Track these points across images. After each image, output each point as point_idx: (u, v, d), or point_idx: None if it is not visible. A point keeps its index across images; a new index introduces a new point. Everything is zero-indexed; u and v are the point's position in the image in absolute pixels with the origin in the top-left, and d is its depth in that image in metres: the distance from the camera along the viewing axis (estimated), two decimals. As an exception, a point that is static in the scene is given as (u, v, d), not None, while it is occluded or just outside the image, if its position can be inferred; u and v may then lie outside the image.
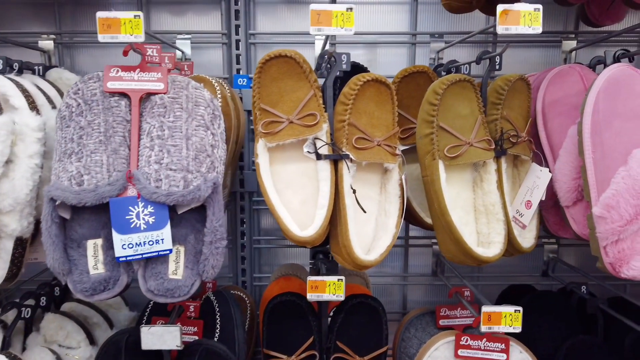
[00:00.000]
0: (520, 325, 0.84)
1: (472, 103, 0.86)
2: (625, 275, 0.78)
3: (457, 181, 0.88)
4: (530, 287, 1.22)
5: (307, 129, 0.80)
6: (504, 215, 0.86)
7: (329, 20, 0.74)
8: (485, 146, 0.85)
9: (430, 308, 1.13)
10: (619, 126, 0.77)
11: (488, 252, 0.83)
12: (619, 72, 0.79)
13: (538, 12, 0.75)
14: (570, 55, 1.14)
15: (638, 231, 0.76)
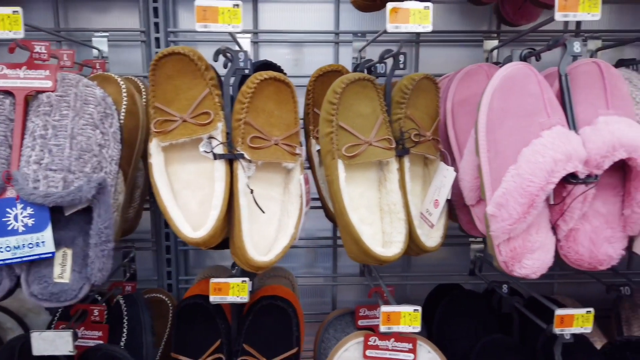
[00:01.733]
0: (419, 325, 0.84)
1: (373, 102, 0.85)
2: (518, 274, 0.78)
3: (362, 180, 0.88)
4: (457, 286, 1.22)
5: (201, 127, 0.78)
6: (405, 215, 0.85)
7: (215, 17, 0.72)
8: (385, 145, 0.84)
9: (350, 309, 1.12)
10: (511, 125, 0.77)
11: (388, 251, 0.82)
12: (515, 71, 0.79)
13: (427, 9, 0.74)
14: (491, 54, 1.15)
15: (528, 229, 0.76)
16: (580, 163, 0.72)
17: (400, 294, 1.31)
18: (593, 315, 0.84)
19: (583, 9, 0.74)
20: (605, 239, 0.77)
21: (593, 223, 0.78)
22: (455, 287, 1.22)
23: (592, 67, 0.82)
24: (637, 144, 0.72)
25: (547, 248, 0.77)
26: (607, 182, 0.79)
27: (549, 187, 0.72)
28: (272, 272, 1.18)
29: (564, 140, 0.72)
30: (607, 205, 0.79)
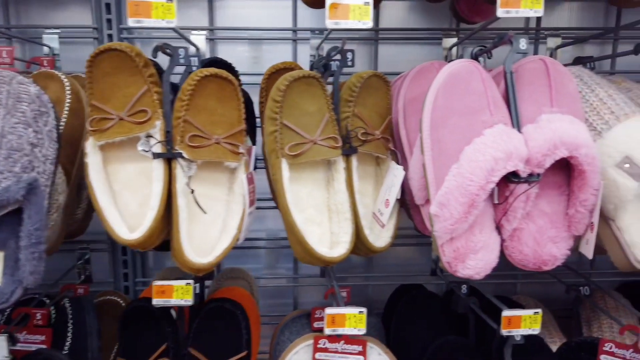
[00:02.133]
0: (365, 327, 0.82)
1: (319, 100, 0.83)
2: (462, 275, 0.76)
3: (309, 180, 0.86)
4: (419, 287, 1.21)
5: (138, 126, 0.77)
6: (352, 215, 0.84)
7: (149, 12, 0.70)
8: (331, 144, 0.82)
9: (307, 310, 1.10)
10: (454, 123, 0.76)
11: (333, 252, 0.81)
12: (459, 68, 0.78)
13: (367, 5, 0.73)
14: (450, 52, 1.14)
15: (472, 229, 0.75)
16: (521, 162, 0.71)
17: (362, 295, 1.30)
18: (541, 316, 0.83)
19: (525, 5, 0.73)
20: (550, 238, 0.76)
21: (537, 223, 0.77)
22: (416, 287, 1.21)
23: (539, 64, 0.80)
24: (578, 142, 0.71)
25: (491, 248, 0.76)
26: (552, 180, 0.78)
27: (489, 186, 0.71)
28: (230, 274, 1.16)
29: (505, 139, 0.71)
30: (552, 204, 0.78)
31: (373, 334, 1.10)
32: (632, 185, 0.78)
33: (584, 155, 0.71)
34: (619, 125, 0.82)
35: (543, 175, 0.77)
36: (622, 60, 1.21)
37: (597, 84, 0.87)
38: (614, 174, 0.79)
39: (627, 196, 0.79)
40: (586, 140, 0.72)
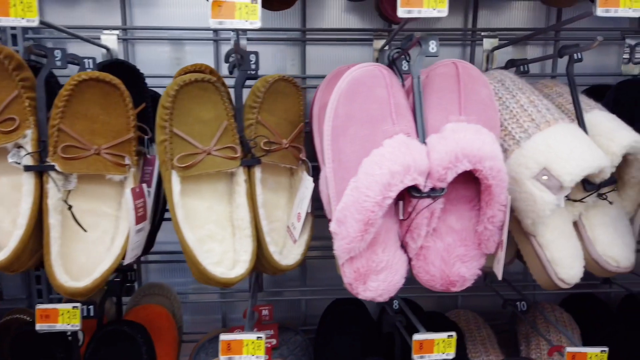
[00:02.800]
0: (264, 353, 0.75)
1: (217, 106, 0.77)
2: (364, 297, 0.70)
3: (210, 193, 0.79)
4: (355, 302, 1.15)
5: (4, 135, 0.69)
6: (252, 231, 0.77)
7: (6, 10, 0.63)
8: (228, 154, 0.76)
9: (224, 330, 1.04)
10: (354, 132, 0.69)
11: (229, 273, 0.74)
12: (362, 73, 0.72)
13: (255, 4, 0.66)
14: (382, 54, 1.08)
15: (373, 248, 0.69)
16: (421, 175, 0.65)
17: (296, 310, 1.23)
18: (455, 339, 0.77)
19: (428, 4, 0.67)
20: (458, 257, 0.70)
21: (445, 240, 0.71)
22: (352, 302, 1.14)
23: (450, 68, 0.74)
24: (481, 154, 0.65)
25: (395, 268, 0.70)
26: (463, 194, 0.72)
27: (387, 202, 0.64)
28: (148, 290, 1.09)
29: (404, 150, 0.65)
30: (462, 220, 0.72)
31: (298, 354, 1.04)
32: (549, 199, 0.73)
33: (489, 169, 0.65)
34: (538, 134, 0.76)
35: (453, 188, 0.72)
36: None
37: (519, 89, 0.81)
38: (531, 186, 0.74)
39: (544, 210, 0.73)
40: (491, 152, 0.66)
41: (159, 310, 1.04)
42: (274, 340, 1.01)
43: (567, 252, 0.77)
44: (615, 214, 0.83)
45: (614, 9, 0.67)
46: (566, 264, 0.77)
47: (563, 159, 0.72)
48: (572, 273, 0.77)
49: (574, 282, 0.78)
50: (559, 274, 0.77)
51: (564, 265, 0.77)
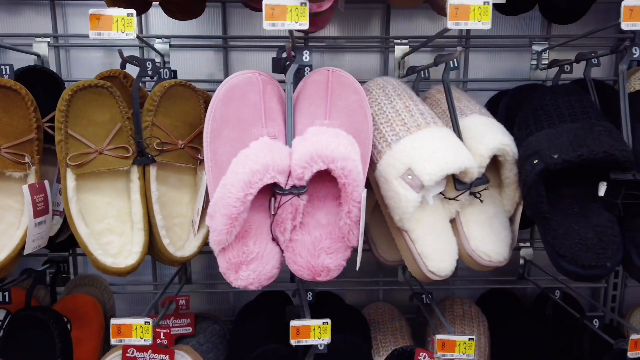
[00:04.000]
0: (150, 337, 0.82)
1: (112, 109, 0.83)
2: (236, 285, 0.77)
3: (109, 189, 0.86)
4: (280, 294, 1.22)
5: None
6: (144, 225, 0.83)
7: None
8: (120, 154, 0.82)
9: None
10: (228, 135, 0.76)
11: (120, 263, 0.81)
12: (239, 79, 0.78)
13: (132, 17, 0.73)
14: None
15: (245, 241, 0.75)
16: (280, 174, 0.71)
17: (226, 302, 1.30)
18: (329, 326, 0.83)
19: (290, 17, 0.73)
20: (324, 249, 0.76)
21: (313, 234, 0.77)
22: (278, 294, 1.21)
23: (322, 76, 0.81)
24: (335, 155, 0.71)
25: (265, 259, 0.76)
26: (330, 192, 0.78)
27: (248, 198, 0.71)
28: (80, 281, 1.16)
29: (266, 151, 0.71)
30: (329, 216, 0.78)
31: (215, 341, 1.11)
32: (412, 197, 0.79)
33: (340, 168, 0.71)
34: (408, 137, 0.82)
35: (322, 186, 0.78)
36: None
37: (398, 95, 0.87)
38: (397, 185, 0.80)
39: (407, 207, 0.79)
40: (345, 153, 0.72)
41: (86, 300, 1.10)
42: (190, 328, 1.07)
43: (437, 246, 0.83)
44: (492, 212, 0.89)
45: (464, 21, 0.73)
46: (436, 258, 0.83)
47: (424, 160, 0.78)
48: (442, 266, 0.83)
49: (445, 274, 0.83)
50: (429, 266, 0.82)
51: (433, 258, 0.82)
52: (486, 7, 0.73)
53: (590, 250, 0.73)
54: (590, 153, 0.73)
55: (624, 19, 0.73)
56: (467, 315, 1.13)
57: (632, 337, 0.84)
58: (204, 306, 1.28)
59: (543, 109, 0.85)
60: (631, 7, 0.74)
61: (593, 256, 0.73)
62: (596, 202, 0.77)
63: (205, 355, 1.06)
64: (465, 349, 0.84)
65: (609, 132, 0.76)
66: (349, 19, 1.21)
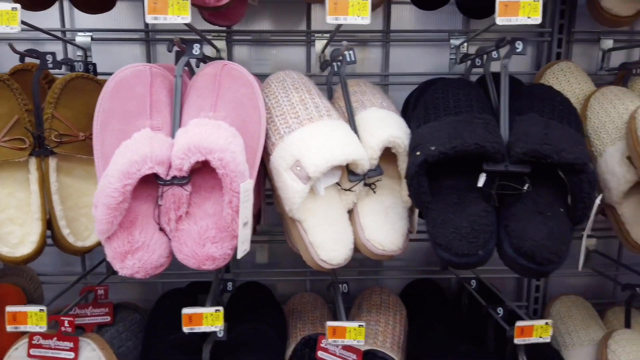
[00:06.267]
0: (46, 324, 0.84)
1: (9, 102, 0.85)
2: (122, 273, 0.78)
3: (10, 180, 0.87)
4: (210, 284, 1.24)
5: None
6: (41, 215, 0.85)
7: None
8: (16, 145, 0.84)
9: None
10: (114, 127, 0.78)
11: (15, 252, 0.83)
12: (128, 72, 0.80)
13: (16, 11, 0.74)
14: (219, 53, 1.16)
15: (130, 230, 0.77)
16: (159, 165, 0.73)
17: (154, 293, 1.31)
18: (222, 314, 0.86)
19: (172, 11, 0.74)
20: (209, 239, 0.78)
21: (200, 224, 0.79)
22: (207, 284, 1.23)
23: (214, 69, 0.83)
24: (212, 147, 0.73)
25: (152, 249, 0.78)
26: (218, 183, 0.80)
27: (127, 189, 0.73)
28: (8, 271, 1.17)
29: (146, 142, 0.73)
30: (215, 206, 0.80)
31: (135, 330, 1.13)
32: (299, 188, 0.81)
33: (217, 160, 0.73)
34: (300, 129, 0.84)
35: (211, 177, 0.80)
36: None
37: (295, 88, 0.89)
38: (286, 176, 0.82)
39: (295, 198, 0.81)
40: (224, 145, 0.73)
41: (9, 289, 1.12)
42: (109, 317, 1.09)
43: (329, 235, 0.85)
44: (390, 202, 0.91)
45: (343, 16, 0.75)
46: (327, 247, 0.85)
47: (312, 152, 0.81)
48: (333, 255, 0.85)
49: (337, 263, 0.86)
50: (320, 255, 0.85)
51: (325, 247, 0.85)
52: (364, 3, 0.75)
53: (463, 239, 0.75)
54: (463, 145, 0.76)
55: (499, 14, 0.75)
56: (384, 304, 1.16)
57: (518, 324, 0.87)
58: (134, 296, 1.29)
59: (433, 103, 0.88)
60: (506, 3, 0.76)
61: (465, 245, 0.75)
62: (474, 193, 0.79)
63: (124, 344, 1.09)
64: (355, 335, 0.86)
65: (484, 125, 0.78)
66: (277, 12, 1.23)
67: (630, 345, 1.03)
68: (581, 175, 0.74)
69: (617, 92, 1.04)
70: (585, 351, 1.11)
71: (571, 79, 1.11)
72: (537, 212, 0.76)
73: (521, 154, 0.75)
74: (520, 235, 0.74)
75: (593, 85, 1.11)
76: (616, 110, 1.00)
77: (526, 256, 0.73)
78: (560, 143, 0.74)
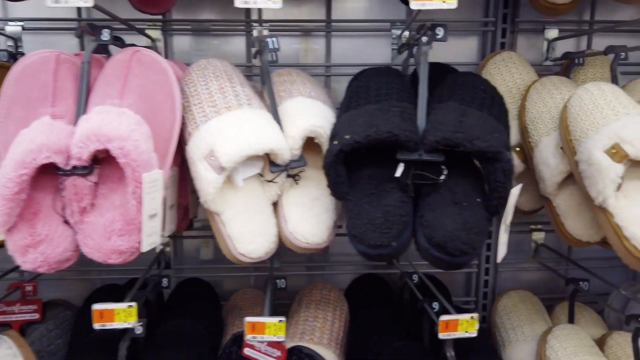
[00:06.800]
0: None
1: None
2: (24, 268, 0.75)
3: None
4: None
5: None
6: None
7: None
8: None
9: None
10: (16, 114, 0.75)
11: None
12: (34, 59, 0.77)
13: None
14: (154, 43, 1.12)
15: (32, 223, 0.73)
16: (56, 154, 0.70)
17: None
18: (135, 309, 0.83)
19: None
20: (115, 232, 0.75)
21: (106, 216, 0.76)
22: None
23: (125, 55, 0.80)
24: (111, 135, 0.70)
25: (56, 242, 0.75)
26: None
27: (23, 178, 0.69)
28: None
29: (44, 130, 0.71)
30: (123, 197, 0.76)
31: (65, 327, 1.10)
32: (212, 178, 0.78)
33: (117, 148, 0.70)
34: (216, 118, 0.81)
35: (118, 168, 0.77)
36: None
37: (216, 77, 0.86)
38: (200, 166, 0.79)
39: (209, 189, 0.79)
40: (124, 133, 0.70)
41: None
42: (37, 314, 1.06)
43: (248, 228, 0.83)
44: (316, 194, 0.89)
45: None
46: (245, 240, 0.82)
47: (226, 141, 0.78)
48: (252, 248, 0.82)
49: (257, 256, 0.83)
50: (238, 249, 0.82)
51: (243, 240, 0.82)
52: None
53: (376, 230, 0.73)
54: (376, 133, 0.73)
55: (414, -1, 0.73)
56: (324, 300, 1.13)
57: (442, 319, 0.84)
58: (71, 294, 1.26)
59: (356, 91, 0.85)
60: (420, -13, 0.74)
61: (378, 236, 0.73)
62: (392, 183, 0.77)
63: (53, 342, 1.05)
64: (276, 331, 0.84)
65: (400, 113, 0.76)
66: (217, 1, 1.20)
67: (568, 340, 1.01)
68: (495, 164, 0.71)
69: (557, 82, 1.02)
70: (528, 347, 1.09)
71: (512, 69, 1.09)
72: (453, 202, 0.74)
73: (434, 142, 0.72)
74: (433, 226, 0.72)
75: (535, 75, 1.10)
76: (553, 101, 0.98)
77: (438, 247, 0.71)
78: (474, 131, 0.71)
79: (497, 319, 1.21)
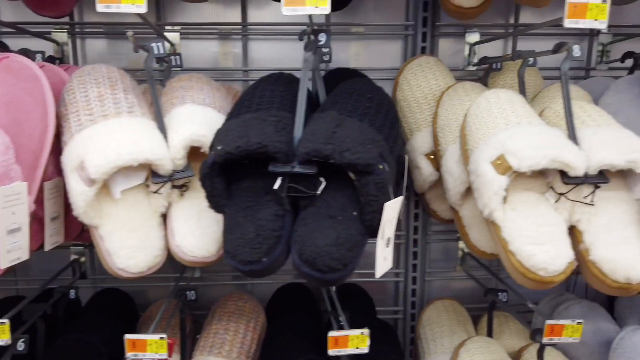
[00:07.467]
0: None
1: None
2: None
3: None
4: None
5: None
6: None
7: None
8: None
9: None
10: None
11: None
12: None
13: None
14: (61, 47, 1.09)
15: None
16: None
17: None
18: (7, 326, 0.79)
19: None
20: None
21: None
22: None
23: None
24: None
25: None
26: None
27: None
28: None
29: None
30: None
31: None
32: (81, 190, 0.75)
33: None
34: (91, 127, 0.78)
35: None
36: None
37: (97, 83, 0.82)
38: (72, 178, 0.76)
39: (79, 202, 0.75)
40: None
41: None
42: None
43: (127, 242, 0.79)
44: (205, 206, 0.84)
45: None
46: (124, 255, 0.79)
47: (96, 152, 0.74)
48: (131, 262, 0.79)
49: (138, 271, 0.79)
50: (117, 263, 0.79)
51: (121, 255, 0.79)
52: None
53: (247, 245, 0.70)
54: (247, 144, 0.70)
55: (284, 4, 0.70)
56: (238, 312, 1.10)
57: (330, 334, 0.82)
58: None
59: (242, 99, 0.82)
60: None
61: (249, 251, 0.69)
62: (270, 196, 0.74)
63: None
64: (157, 349, 0.81)
65: (275, 124, 0.72)
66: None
67: (478, 354, 0.99)
68: (367, 177, 0.68)
69: (469, 88, 0.99)
70: (442, 359, 1.07)
71: (429, 75, 1.06)
72: (328, 215, 0.71)
73: (304, 154, 0.69)
74: (304, 241, 0.69)
75: (453, 80, 1.07)
76: (462, 107, 0.96)
77: (307, 263, 0.68)
78: (346, 143, 0.68)
79: (421, 330, 1.19)
